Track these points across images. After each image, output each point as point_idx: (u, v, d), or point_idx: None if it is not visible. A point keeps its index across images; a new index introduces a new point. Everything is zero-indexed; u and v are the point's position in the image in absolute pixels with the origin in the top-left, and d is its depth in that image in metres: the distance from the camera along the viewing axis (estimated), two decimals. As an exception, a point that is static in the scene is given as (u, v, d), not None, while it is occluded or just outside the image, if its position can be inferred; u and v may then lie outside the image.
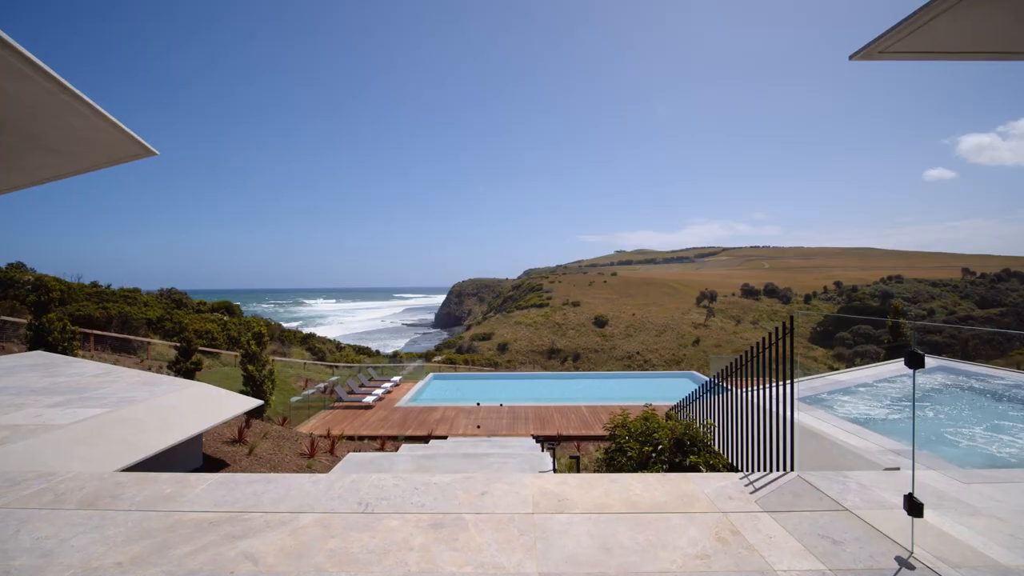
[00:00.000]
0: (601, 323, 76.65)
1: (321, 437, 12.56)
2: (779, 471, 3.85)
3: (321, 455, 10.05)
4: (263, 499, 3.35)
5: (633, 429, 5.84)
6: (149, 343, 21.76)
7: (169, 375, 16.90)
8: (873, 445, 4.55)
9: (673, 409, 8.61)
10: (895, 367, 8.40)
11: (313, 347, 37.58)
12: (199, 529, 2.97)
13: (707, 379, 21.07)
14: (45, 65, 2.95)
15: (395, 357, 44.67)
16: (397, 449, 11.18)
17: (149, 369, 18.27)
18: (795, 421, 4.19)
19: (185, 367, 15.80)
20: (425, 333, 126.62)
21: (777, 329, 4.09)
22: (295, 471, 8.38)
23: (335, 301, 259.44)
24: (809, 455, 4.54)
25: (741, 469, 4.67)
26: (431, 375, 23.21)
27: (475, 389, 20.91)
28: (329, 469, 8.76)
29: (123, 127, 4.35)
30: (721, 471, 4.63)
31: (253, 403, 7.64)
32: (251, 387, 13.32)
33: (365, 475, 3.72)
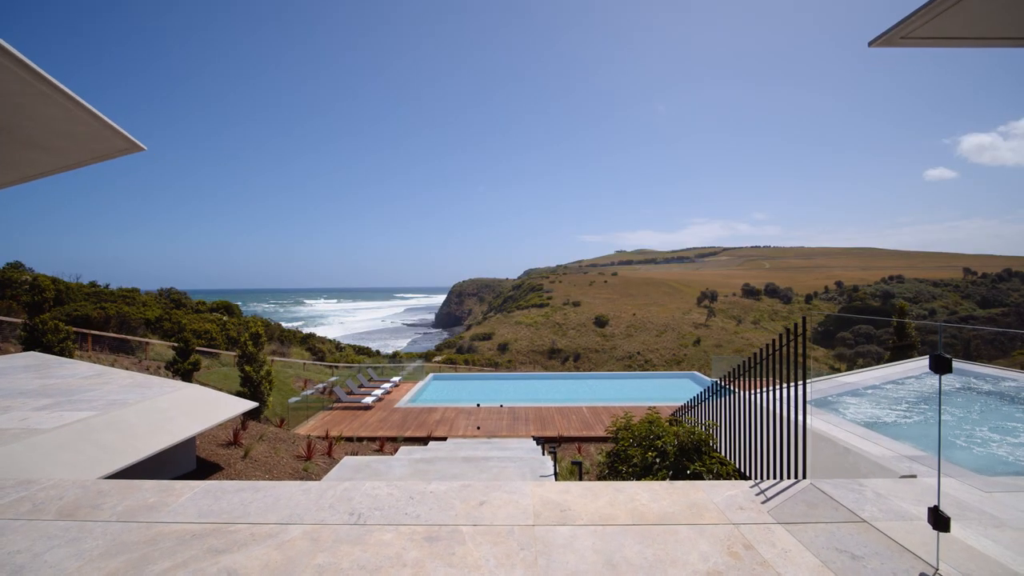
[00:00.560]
0: (602, 323, 76.50)
1: (319, 439, 12.40)
2: (791, 479, 3.69)
3: (318, 457, 9.88)
4: (250, 509, 3.19)
5: (637, 433, 5.67)
6: (147, 343, 21.62)
7: (167, 375, 16.76)
8: (887, 451, 4.38)
9: (677, 412, 8.44)
10: (903, 368, 8.23)
11: (313, 347, 37.45)
12: (181, 542, 2.81)
13: (710, 380, 20.86)
14: (14, 49, 2.78)
15: (395, 357, 44.52)
16: (396, 451, 11.02)
17: (147, 370, 18.12)
18: (794, 421, 4.02)
19: (183, 367, 15.65)
20: (426, 333, 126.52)
21: (788, 331, 3.92)
22: (291, 474, 8.22)
23: (336, 301, 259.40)
24: (820, 461, 4.38)
25: (750, 476, 4.50)
26: (431, 375, 23.05)
27: (475, 390, 20.75)
28: (326, 472, 8.60)
29: (106, 119, 4.19)
30: (729, 478, 4.46)
31: (247, 405, 7.48)
32: (248, 388, 13.15)
33: (358, 483, 3.56)
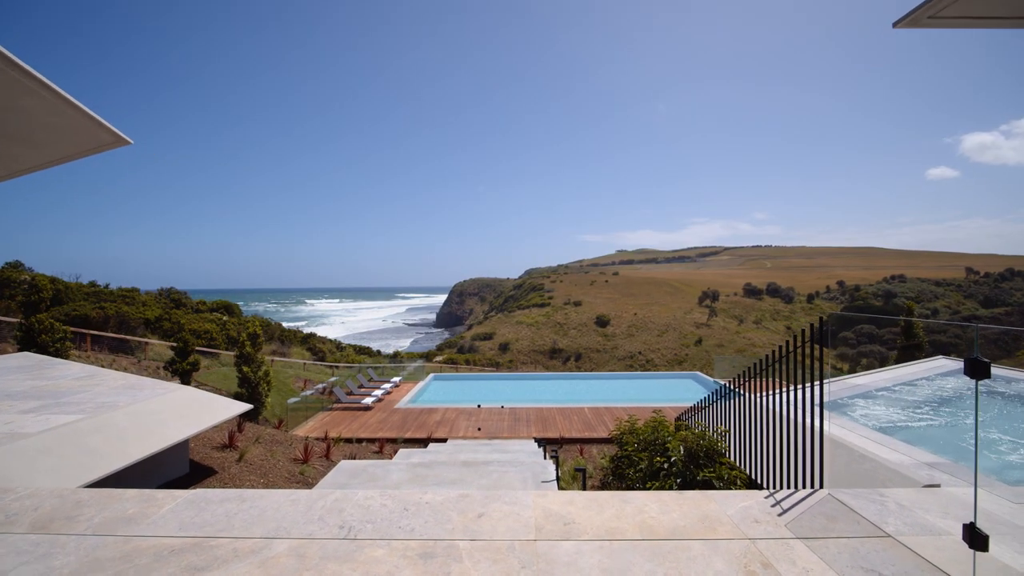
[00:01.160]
0: (603, 323, 76.27)
1: (318, 440, 12.23)
2: (807, 488, 3.49)
3: (316, 460, 9.70)
4: (235, 521, 3.00)
5: (642, 436, 5.48)
6: (147, 343, 21.49)
7: (165, 376, 16.61)
8: (905, 457, 4.18)
9: (683, 415, 8.23)
10: (914, 369, 8.03)
11: (313, 347, 37.32)
12: (158, 559, 2.62)
13: (712, 380, 20.61)
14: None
15: (395, 357, 44.38)
16: (395, 452, 10.85)
17: (146, 370, 17.98)
18: (810, 427, 3.83)
19: (181, 368, 15.49)
20: (427, 333, 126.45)
21: (804, 331, 3.72)
22: (286, 478, 8.04)
23: (338, 301, 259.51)
24: (835, 469, 4.18)
25: (763, 485, 4.31)
26: (431, 376, 22.88)
27: (476, 390, 20.58)
28: (323, 475, 8.42)
29: (88, 111, 4.01)
30: (740, 486, 4.26)
31: (241, 408, 7.31)
32: (246, 389, 12.98)
33: (351, 492, 3.37)
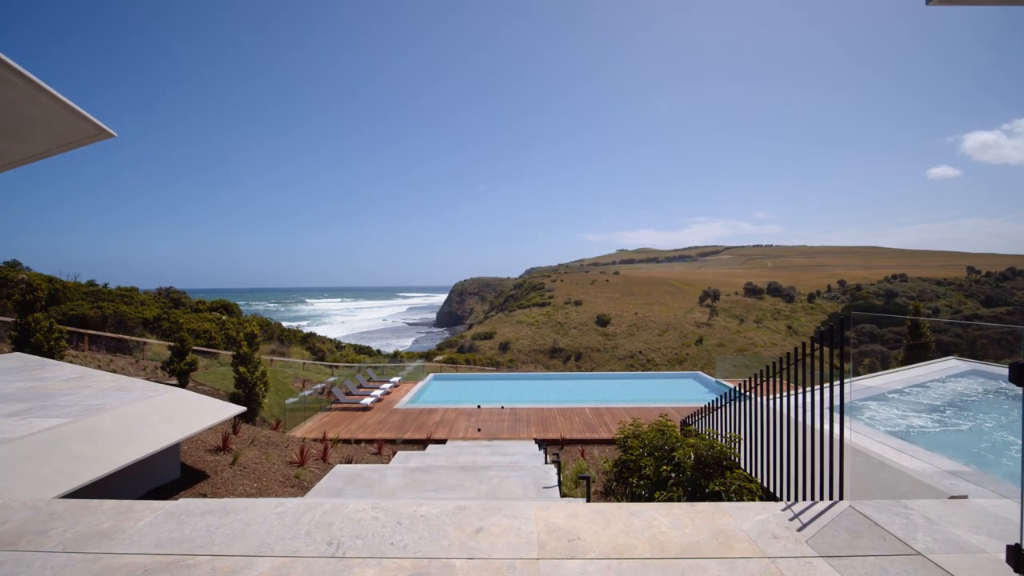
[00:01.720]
0: (603, 322, 76.07)
1: (316, 441, 12.05)
2: (827, 499, 3.29)
3: (312, 462, 9.51)
4: (216, 537, 2.81)
5: (647, 441, 5.28)
6: (145, 343, 21.32)
7: (163, 376, 16.41)
8: (926, 465, 3.98)
9: (690, 419, 8.00)
10: (925, 371, 7.81)
11: (313, 347, 37.14)
12: (130, 579, 2.43)
13: (715, 380, 20.35)
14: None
15: (395, 357, 44.19)
16: (394, 454, 10.66)
17: (144, 370, 17.80)
18: (829, 434, 3.63)
19: (179, 368, 15.30)
20: (428, 332, 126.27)
21: (822, 333, 3.52)
22: (281, 482, 7.84)
23: (340, 300, 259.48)
24: (853, 477, 3.98)
25: (779, 496, 4.09)
26: (431, 375, 22.70)
27: (476, 390, 20.39)
28: (319, 478, 8.23)
29: (68, 102, 3.81)
30: (754, 496, 4.05)
31: (235, 410, 7.11)
32: (243, 389, 12.79)
33: (341, 503, 3.17)
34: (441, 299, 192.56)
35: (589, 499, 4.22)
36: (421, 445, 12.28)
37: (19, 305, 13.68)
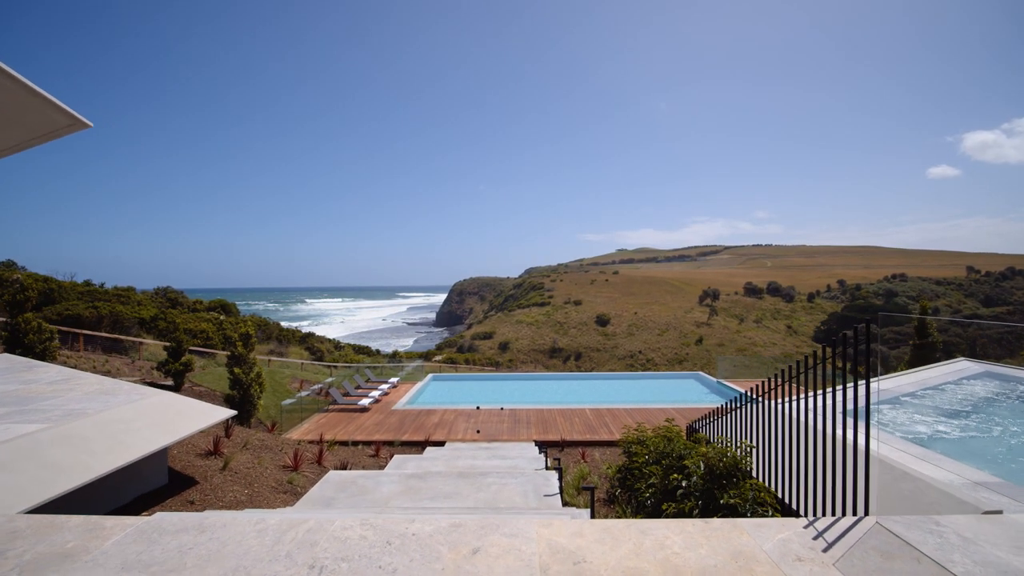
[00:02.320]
0: (603, 322, 75.88)
1: (312, 443, 11.84)
2: (850, 515, 3.06)
3: (306, 466, 9.27)
4: (188, 558, 2.57)
5: (653, 447, 5.04)
6: (141, 343, 21.08)
7: (159, 376, 16.17)
8: (951, 475, 3.74)
9: (697, 423, 7.75)
10: (936, 372, 7.57)
11: (312, 346, 36.91)
12: (88, 610, 2.19)
13: (716, 381, 20.07)
14: None
15: (394, 357, 43.94)
16: (391, 456, 10.44)
17: (140, 370, 17.55)
18: (853, 443, 3.39)
19: (174, 368, 15.07)
20: (427, 332, 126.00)
21: (846, 335, 3.28)
22: (273, 487, 7.60)
23: (341, 300, 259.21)
24: (874, 488, 3.74)
25: (796, 508, 3.84)
26: (430, 376, 22.47)
27: (475, 391, 20.18)
28: (313, 483, 7.99)
29: (36, 88, 3.56)
30: (770, 510, 3.80)
31: (224, 414, 6.87)
32: (238, 390, 12.55)
33: (327, 520, 2.94)
34: (441, 299, 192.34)
35: (593, 511, 3.99)
36: (419, 447, 12.07)
37: (9, 305, 13.45)
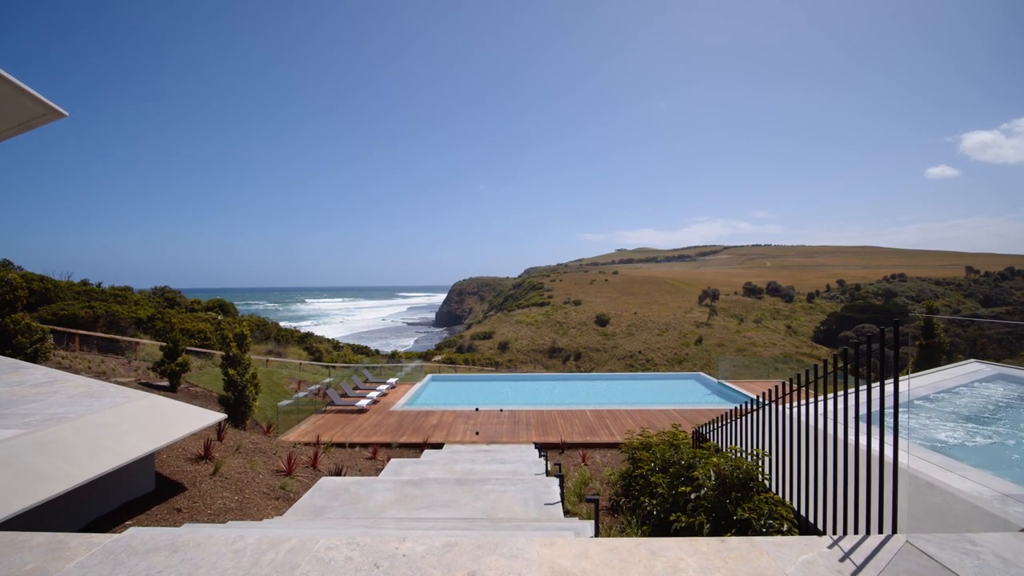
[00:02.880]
0: (603, 322, 75.69)
1: (309, 445, 11.62)
2: (877, 532, 2.84)
3: (301, 470, 9.04)
4: (157, 584, 2.35)
5: (658, 454, 4.82)
6: (138, 343, 20.86)
7: (155, 377, 15.94)
8: (980, 487, 3.51)
9: (704, 429, 7.50)
10: (950, 375, 7.35)
11: (310, 347, 36.71)
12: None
13: (717, 381, 19.80)
14: None
15: (393, 357, 43.72)
16: (388, 460, 10.22)
17: (136, 371, 17.32)
18: (879, 452, 3.18)
19: (170, 369, 14.85)
20: (427, 332, 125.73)
21: (869, 338, 3.06)
22: (265, 493, 7.37)
23: (342, 300, 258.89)
24: (903, 503, 3.51)
25: (814, 522, 3.59)
26: (429, 376, 22.25)
27: (474, 391, 19.97)
28: (307, 488, 7.77)
29: (7, 76, 3.34)
30: (786, 525, 3.56)
31: (214, 418, 6.64)
32: (233, 392, 12.32)
33: (311, 538, 2.71)
34: (441, 299, 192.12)
35: (598, 526, 3.76)
36: (417, 449, 11.87)
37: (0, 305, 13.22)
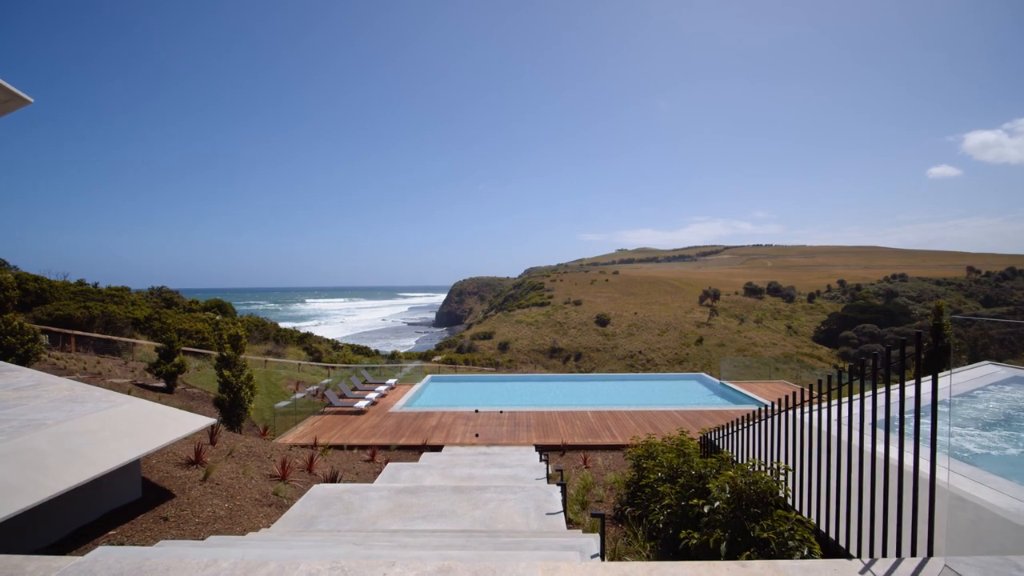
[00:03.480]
0: (603, 322, 75.46)
1: (306, 447, 11.40)
2: (909, 554, 2.60)
3: (296, 474, 8.80)
4: (116, 617, 2.11)
5: (665, 462, 4.58)
6: (135, 344, 20.66)
7: (151, 377, 15.72)
8: (1016, 501, 3.27)
9: (712, 434, 7.24)
10: (963, 377, 7.11)
11: (310, 347, 36.51)
12: None
13: (719, 382, 19.52)
14: None
15: (393, 357, 43.48)
16: (386, 463, 9.99)
17: (133, 371, 17.10)
18: (913, 467, 2.93)
19: (166, 370, 14.64)
20: (427, 332, 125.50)
21: (903, 341, 2.82)
22: (257, 499, 7.13)
23: (341, 300, 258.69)
24: (922, 515, 3.28)
25: (840, 542, 3.34)
26: (428, 377, 22.01)
27: (474, 392, 19.74)
28: (301, 494, 7.53)
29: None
30: (806, 548, 3.30)
31: (203, 423, 6.39)
32: (228, 394, 12.07)
33: (291, 562, 2.47)
34: (441, 299, 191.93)
35: (603, 547, 3.51)
36: (416, 452, 11.65)
37: (-9, 305, 12.99)
